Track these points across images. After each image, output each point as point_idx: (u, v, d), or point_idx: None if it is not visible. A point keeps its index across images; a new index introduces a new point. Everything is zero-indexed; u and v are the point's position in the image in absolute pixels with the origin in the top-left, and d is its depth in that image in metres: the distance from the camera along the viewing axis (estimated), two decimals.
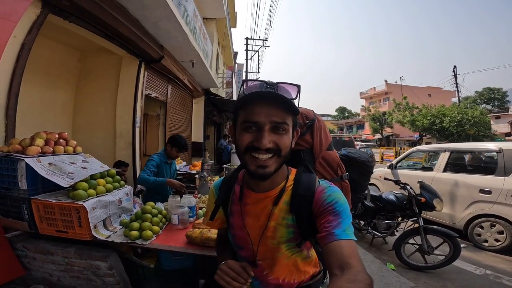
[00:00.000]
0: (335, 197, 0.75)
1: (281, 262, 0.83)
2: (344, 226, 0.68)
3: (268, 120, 0.70)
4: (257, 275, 0.85)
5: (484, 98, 37.06)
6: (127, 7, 2.92)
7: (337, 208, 0.72)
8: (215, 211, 0.91)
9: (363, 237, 4.15)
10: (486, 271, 3.13)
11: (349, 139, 11.77)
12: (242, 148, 0.74)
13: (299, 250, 0.83)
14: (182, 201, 1.96)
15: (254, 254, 0.85)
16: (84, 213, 1.55)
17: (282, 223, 0.80)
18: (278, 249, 0.81)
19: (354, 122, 45.54)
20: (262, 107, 0.71)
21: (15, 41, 1.89)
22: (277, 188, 0.81)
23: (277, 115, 0.71)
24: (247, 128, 0.73)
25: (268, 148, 0.70)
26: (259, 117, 0.70)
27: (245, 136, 0.73)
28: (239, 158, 0.78)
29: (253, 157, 0.72)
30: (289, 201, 0.79)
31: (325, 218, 0.71)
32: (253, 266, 0.84)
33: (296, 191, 0.79)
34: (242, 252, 0.89)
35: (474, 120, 19.06)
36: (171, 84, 5.47)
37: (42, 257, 1.70)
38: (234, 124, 0.80)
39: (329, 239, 0.66)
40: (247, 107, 0.73)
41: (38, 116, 3.37)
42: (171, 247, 1.62)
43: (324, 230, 0.69)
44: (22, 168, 1.58)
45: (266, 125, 0.70)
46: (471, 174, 4.03)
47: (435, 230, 3.04)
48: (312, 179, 0.82)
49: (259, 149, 0.70)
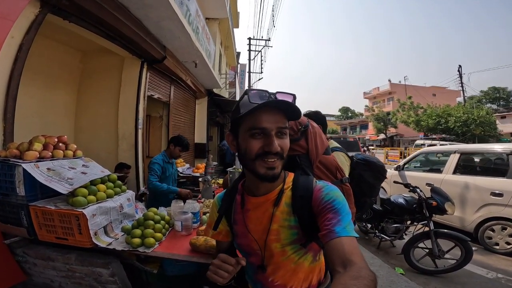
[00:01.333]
0: (333, 195, 0.77)
1: (287, 267, 0.83)
2: (344, 223, 0.69)
3: (274, 126, 0.75)
4: (264, 281, 0.87)
5: (490, 97, 36.70)
6: (128, 7, 2.86)
7: (336, 206, 0.73)
8: (219, 220, 0.93)
9: (369, 240, 4.07)
10: (497, 274, 3.06)
11: (354, 139, 11.65)
12: (252, 155, 0.76)
13: (305, 252, 0.83)
14: (185, 207, 1.90)
15: (261, 258, 0.85)
16: (84, 220, 1.50)
17: (285, 224, 0.81)
18: (283, 252, 0.81)
19: (358, 122, 45.39)
20: (268, 114, 0.75)
21: (13, 42, 1.84)
22: (276, 190, 0.83)
23: (281, 121, 0.76)
24: (255, 135, 0.75)
25: (277, 151, 0.74)
26: (267, 123, 0.74)
27: (254, 143, 0.75)
28: (246, 164, 0.80)
29: (264, 161, 0.75)
30: (290, 203, 0.81)
31: (324, 216, 0.72)
32: (262, 270, 0.85)
33: (296, 192, 0.81)
34: (250, 258, 0.89)
35: (480, 120, 18.92)
36: (174, 84, 5.42)
37: (43, 263, 1.66)
38: (234, 131, 0.83)
39: (330, 236, 0.67)
40: (253, 115, 0.75)
41: (40, 118, 3.33)
42: (174, 255, 1.57)
43: (324, 228, 0.70)
44: (19, 174, 1.54)
45: (273, 131, 0.75)
46: (481, 176, 3.93)
47: (446, 234, 2.97)
48: (310, 180, 0.84)
49: (269, 153, 0.74)
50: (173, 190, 2.75)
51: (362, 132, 42.01)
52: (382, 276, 2.81)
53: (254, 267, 0.89)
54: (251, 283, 0.93)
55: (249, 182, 0.87)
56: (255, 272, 0.89)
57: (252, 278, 0.92)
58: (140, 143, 3.98)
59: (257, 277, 0.89)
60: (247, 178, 0.87)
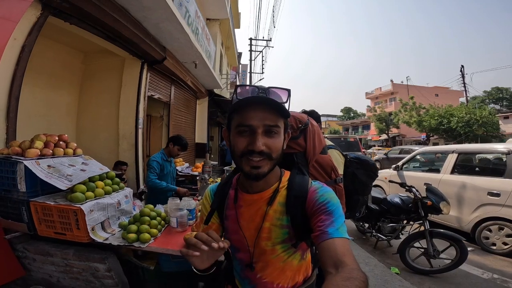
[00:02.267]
0: (327, 196, 0.77)
1: (276, 265, 0.83)
2: (337, 225, 0.70)
3: (261, 123, 0.73)
4: (252, 278, 0.87)
5: (493, 98, 36.46)
6: (127, 9, 2.92)
7: (330, 208, 0.74)
8: (210, 215, 0.92)
9: (367, 240, 4.09)
10: (493, 275, 3.05)
11: (354, 139, 11.61)
12: (238, 153, 0.76)
13: (295, 251, 0.84)
14: (181, 204, 1.94)
15: (250, 256, 0.85)
16: (81, 215, 1.55)
17: (277, 223, 0.81)
18: (273, 250, 0.82)
19: (360, 122, 45.21)
20: (255, 111, 0.73)
21: (15, 44, 1.90)
22: (271, 189, 0.83)
23: (269, 119, 0.74)
24: (242, 132, 0.75)
25: (261, 150, 0.72)
26: (253, 120, 0.73)
27: (240, 140, 0.75)
28: (234, 161, 0.80)
29: (248, 159, 0.74)
30: (284, 202, 0.81)
31: (318, 218, 0.73)
32: (250, 269, 0.85)
33: (291, 192, 0.81)
34: (239, 255, 0.90)
35: (483, 120, 18.76)
36: (174, 85, 5.49)
37: (42, 258, 1.71)
38: (228, 128, 0.82)
39: (323, 237, 0.67)
40: (240, 112, 0.75)
41: (43, 118, 3.41)
42: (169, 250, 1.61)
43: (317, 229, 0.70)
44: (21, 171, 1.60)
45: (259, 128, 0.73)
46: (479, 176, 3.93)
47: (441, 233, 2.97)
48: (305, 180, 0.84)
49: (253, 152, 0.72)
50: (171, 188, 2.81)
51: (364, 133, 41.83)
52: (376, 275, 2.83)
53: (242, 264, 0.89)
54: (239, 279, 0.93)
55: (242, 178, 0.86)
56: (243, 268, 0.89)
57: (240, 274, 0.92)
58: (141, 143, 4.04)
59: (245, 273, 0.89)
60: (241, 174, 0.86)
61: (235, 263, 0.94)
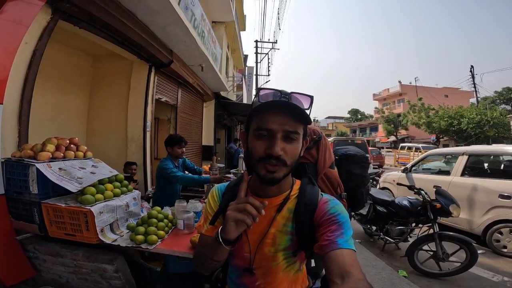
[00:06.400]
0: (338, 209, 0.77)
1: (276, 273, 0.83)
2: (346, 237, 0.70)
3: (281, 128, 0.72)
4: (250, 285, 0.86)
5: (504, 98, 35.55)
6: (135, 13, 2.97)
7: (340, 220, 0.74)
8: (217, 214, 0.85)
9: (374, 243, 4.04)
10: (503, 278, 2.99)
11: (362, 141, 11.52)
12: (256, 157, 0.75)
13: (294, 261, 0.84)
14: (188, 206, 1.97)
15: (250, 261, 0.84)
16: (91, 217, 1.58)
17: (283, 230, 0.81)
18: (275, 257, 0.81)
19: (367, 124, 44.82)
20: (276, 115, 0.72)
21: (27, 48, 1.94)
22: (282, 195, 0.82)
23: (289, 124, 0.72)
24: (260, 136, 0.74)
25: (279, 155, 0.71)
26: (273, 124, 0.72)
27: (258, 144, 0.74)
28: (250, 164, 0.80)
29: (265, 164, 0.73)
30: (293, 209, 0.81)
31: (327, 228, 0.73)
32: (249, 273, 0.84)
33: (302, 199, 0.81)
34: (234, 261, 0.88)
35: (494, 121, 18.38)
36: (181, 88, 5.54)
37: (52, 259, 1.74)
38: (246, 131, 0.82)
39: (331, 247, 0.67)
40: (261, 115, 0.74)
41: (54, 122, 3.48)
42: (175, 252, 1.63)
43: (326, 238, 0.70)
44: (33, 173, 1.63)
45: (279, 133, 0.72)
46: (490, 179, 3.85)
47: (450, 236, 2.93)
48: (316, 190, 0.84)
49: (271, 156, 0.71)
50: (204, 179, 2.62)
51: (372, 134, 41.44)
52: (384, 278, 2.80)
53: (239, 270, 0.87)
54: (234, 286, 0.91)
55: (254, 181, 0.84)
56: (240, 275, 0.87)
57: (236, 282, 0.89)
58: (148, 145, 4.10)
59: (242, 280, 0.87)
60: (253, 177, 0.84)
61: (230, 270, 0.92)
